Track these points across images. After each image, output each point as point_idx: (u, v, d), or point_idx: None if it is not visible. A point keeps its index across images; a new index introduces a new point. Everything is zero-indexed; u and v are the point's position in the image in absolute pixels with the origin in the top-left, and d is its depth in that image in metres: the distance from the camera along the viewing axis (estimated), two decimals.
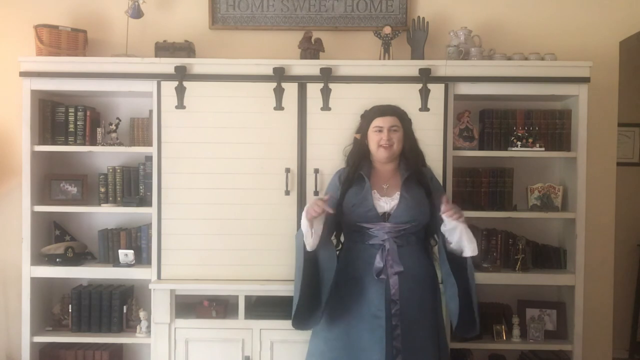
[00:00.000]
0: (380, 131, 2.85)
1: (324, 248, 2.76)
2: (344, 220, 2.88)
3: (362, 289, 2.77)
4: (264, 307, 3.51)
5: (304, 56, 3.69)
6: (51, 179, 3.75)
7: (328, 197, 2.73)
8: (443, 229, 2.75)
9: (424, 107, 3.54)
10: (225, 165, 3.54)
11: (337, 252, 2.94)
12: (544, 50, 3.72)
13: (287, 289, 3.29)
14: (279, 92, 3.53)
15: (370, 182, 2.84)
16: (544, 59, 3.66)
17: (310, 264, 2.77)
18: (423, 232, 2.89)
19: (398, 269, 2.74)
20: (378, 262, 2.75)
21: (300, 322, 2.83)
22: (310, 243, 2.71)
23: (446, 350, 2.94)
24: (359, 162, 2.90)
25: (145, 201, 3.71)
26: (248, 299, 3.53)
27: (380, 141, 2.84)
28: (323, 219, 2.72)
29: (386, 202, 2.80)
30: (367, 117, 2.93)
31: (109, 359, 3.68)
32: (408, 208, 2.78)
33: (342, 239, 2.99)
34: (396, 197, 2.80)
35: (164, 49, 3.69)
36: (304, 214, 2.71)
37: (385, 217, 2.79)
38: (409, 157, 2.89)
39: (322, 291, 2.75)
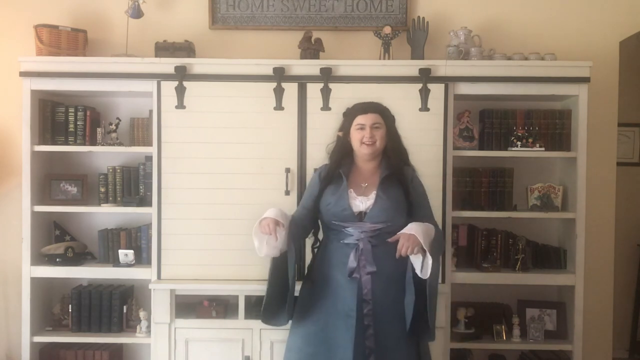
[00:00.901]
0: (362, 129, 2.82)
1: (290, 252, 2.76)
2: (321, 218, 2.88)
3: (336, 288, 2.77)
4: None
5: (304, 56, 3.69)
6: (51, 179, 3.75)
7: (279, 226, 2.69)
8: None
9: (424, 107, 3.54)
10: (225, 165, 3.54)
11: (315, 250, 2.96)
12: (544, 50, 3.72)
13: None
14: (279, 92, 3.53)
15: (350, 180, 2.84)
16: (544, 59, 3.66)
17: (277, 266, 2.80)
18: None
19: (371, 269, 2.73)
20: (351, 262, 2.74)
21: (268, 317, 2.89)
22: (264, 253, 2.74)
23: (426, 350, 2.91)
24: (340, 160, 2.89)
25: (145, 201, 3.71)
26: (248, 299, 3.53)
27: (362, 138, 2.81)
28: (285, 230, 2.72)
29: (362, 202, 2.79)
30: (350, 114, 2.90)
31: (109, 359, 3.69)
32: (383, 208, 2.75)
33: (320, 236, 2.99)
34: (372, 196, 2.78)
35: (164, 49, 3.69)
36: (257, 226, 2.71)
37: (361, 216, 2.78)
38: (391, 155, 2.86)
39: (288, 291, 2.79)
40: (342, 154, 2.90)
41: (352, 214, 2.77)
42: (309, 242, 3.02)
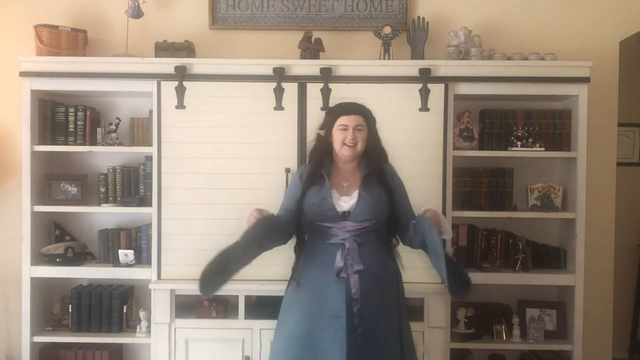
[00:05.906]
0: (345, 130, 2.81)
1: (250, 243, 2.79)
2: (305, 220, 2.85)
3: (323, 289, 2.76)
4: (264, 307, 3.51)
5: (304, 56, 3.69)
6: (51, 179, 3.75)
7: (268, 213, 2.76)
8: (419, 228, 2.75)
9: (424, 107, 3.54)
10: (225, 165, 3.54)
11: (296, 251, 2.94)
12: (544, 50, 3.72)
13: None
14: (279, 92, 3.53)
15: (331, 180, 2.83)
16: (544, 59, 3.66)
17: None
18: (384, 230, 2.85)
19: (358, 268, 2.72)
20: (338, 262, 2.73)
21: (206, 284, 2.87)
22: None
23: (411, 348, 2.91)
24: (321, 160, 2.88)
25: (145, 201, 3.71)
26: (248, 299, 3.53)
27: (344, 139, 2.80)
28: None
29: (345, 201, 2.79)
30: (333, 114, 2.89)
31: (109, 359, 3.69)
32: (367, 206, 2.76)
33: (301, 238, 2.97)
34: (355, 195, 2.79)
35: (164, 49, 3.69)
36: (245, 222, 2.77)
37: (345, 216, 2.78)
38: (371, 155, 2.86)
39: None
40: (323, 153, 2.89)
41: (337, 214, 2.77)
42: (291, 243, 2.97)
